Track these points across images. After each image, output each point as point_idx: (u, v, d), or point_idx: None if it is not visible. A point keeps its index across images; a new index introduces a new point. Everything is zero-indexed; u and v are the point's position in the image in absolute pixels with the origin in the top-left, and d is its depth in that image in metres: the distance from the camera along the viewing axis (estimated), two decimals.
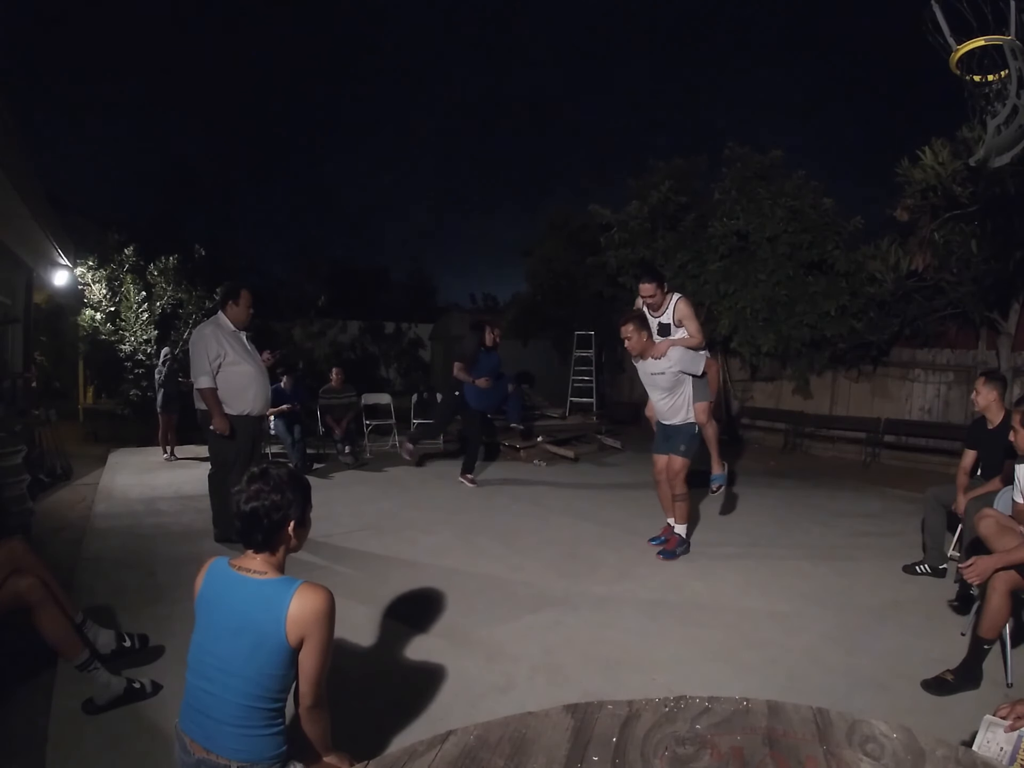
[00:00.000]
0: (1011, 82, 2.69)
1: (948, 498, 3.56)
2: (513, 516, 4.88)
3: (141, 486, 5.60)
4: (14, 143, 4.19)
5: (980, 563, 2.31)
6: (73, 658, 2.12)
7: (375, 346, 15.02)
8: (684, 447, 3.85)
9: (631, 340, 3.74)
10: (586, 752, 1.08)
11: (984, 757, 1.16)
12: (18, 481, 3.97)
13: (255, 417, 3.91)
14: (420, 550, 3.96)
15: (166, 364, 7.09)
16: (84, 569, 3.49)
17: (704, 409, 3.82)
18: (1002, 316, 6.69)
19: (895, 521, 4.87)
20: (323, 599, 1.44)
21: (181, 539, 4.04)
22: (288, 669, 1.44)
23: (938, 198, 6.10)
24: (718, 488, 4.02)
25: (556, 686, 2.37)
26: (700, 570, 3.70)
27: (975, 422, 3.77)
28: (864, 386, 8.24)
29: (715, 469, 3.97)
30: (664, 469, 3.96)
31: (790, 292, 7.64)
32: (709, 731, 1.13)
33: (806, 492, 6.03)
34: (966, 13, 2.65)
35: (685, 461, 3.86)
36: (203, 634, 1.48)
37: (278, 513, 1.47)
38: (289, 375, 6.78)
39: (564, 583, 3.45)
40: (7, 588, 2.09)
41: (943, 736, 1.18)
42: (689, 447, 3.86)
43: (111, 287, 8.67)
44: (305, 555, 3.51)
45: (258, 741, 1.42)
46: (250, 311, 3.99)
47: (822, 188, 7.79)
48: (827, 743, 1.09)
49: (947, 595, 3.26)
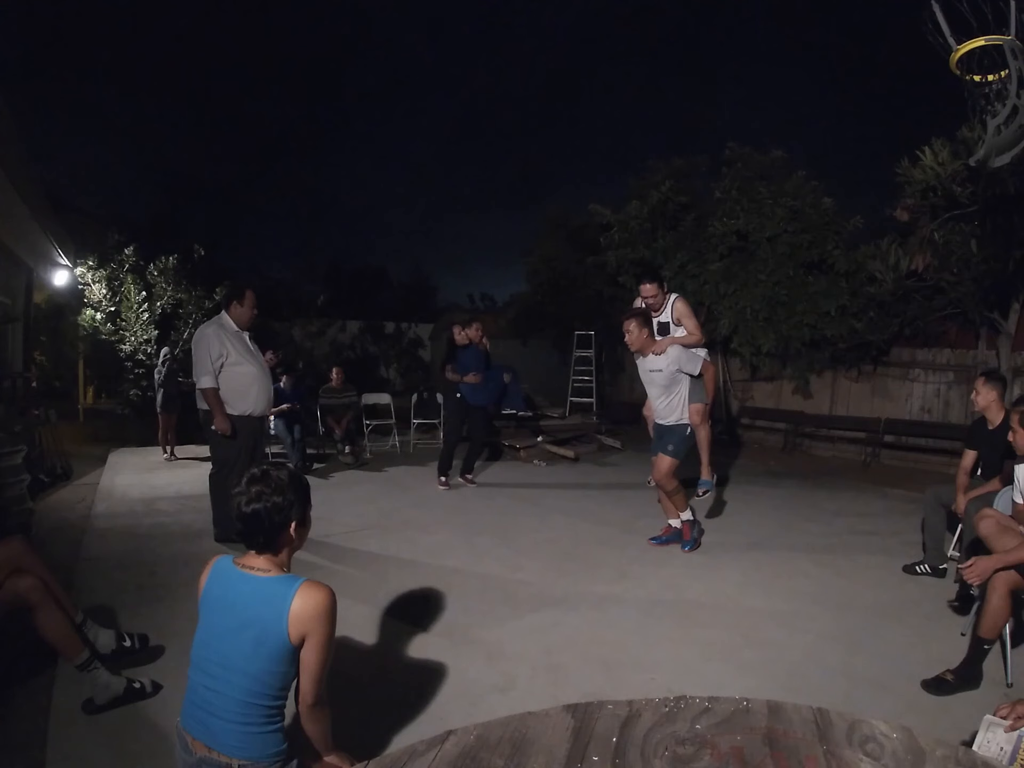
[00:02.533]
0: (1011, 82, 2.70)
1: (948, 498, 3.56)
2: (513, 516, 4.88)
3: (141, 486, 5.60)
4: (14, 143, 4.19)
5: (980, 564, 2.31)
6: (73, 658, 2.12)
7: (375, 346, 15.02)
8: (673, 447, 3.85)
9: (632, 336, 3.78)
10: (586, 752, 1.08)
11: (984, 757, 1.16)
12: (18, 481, 3.97)
13: (257, 417, 3.91)
14: (420, 550, 3.96)
15: (166, 364, 7.09)
16: (84, 569, 3.49)
17: (699, 411, 3.83)
18: (1002, 316, 6.68)
19: (895, 521, 4.87)
20: (325, 597, 1.46)
21: (181, 539, 4.04)
22: (290, 666, 1.45)
23: (938, 198, 6.10)
24: (704, 493, 4.02)
25: (556, 686, 2.37)
26: (700, 570, 3.70)
27: (975, 422, 3.77)
28: (864, 386, 8.23)
29: (704, 474, 3.97)
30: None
31: (790, 292, 7.64)
32: (709, 731, 1.13)
33: (806, 492, 6.03)
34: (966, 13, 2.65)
35: (673, 461, 3.85)
36: (206, 631, 1.49)
37: (280, 515, 1.48)
38: (289, 375, 6.79)
39: (564, 583, 3.45)
40: (7, 588, 2.09)
41: (943, 736, 1.18)
42: (678, 448, 3.86)
43: (111, 287, 8.66)
44: (305, 555, 3.52)
45: (259, 738, 1.43)
46: (254, 312, 3.98)
47: (822, 188, 7.80)
48: (827, 743, 1.09)
49: (947, 595, 3.25)
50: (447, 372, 5.73)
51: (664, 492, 3.98)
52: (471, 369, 5.65)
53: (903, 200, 6.42)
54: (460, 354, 5.72)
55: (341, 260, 23.65)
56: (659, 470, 3.88)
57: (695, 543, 4.02)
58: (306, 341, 12.28)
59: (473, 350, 5.77)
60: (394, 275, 25.12)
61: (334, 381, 7.32)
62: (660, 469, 3.87)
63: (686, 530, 4.05)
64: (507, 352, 10.52)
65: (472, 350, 5.76)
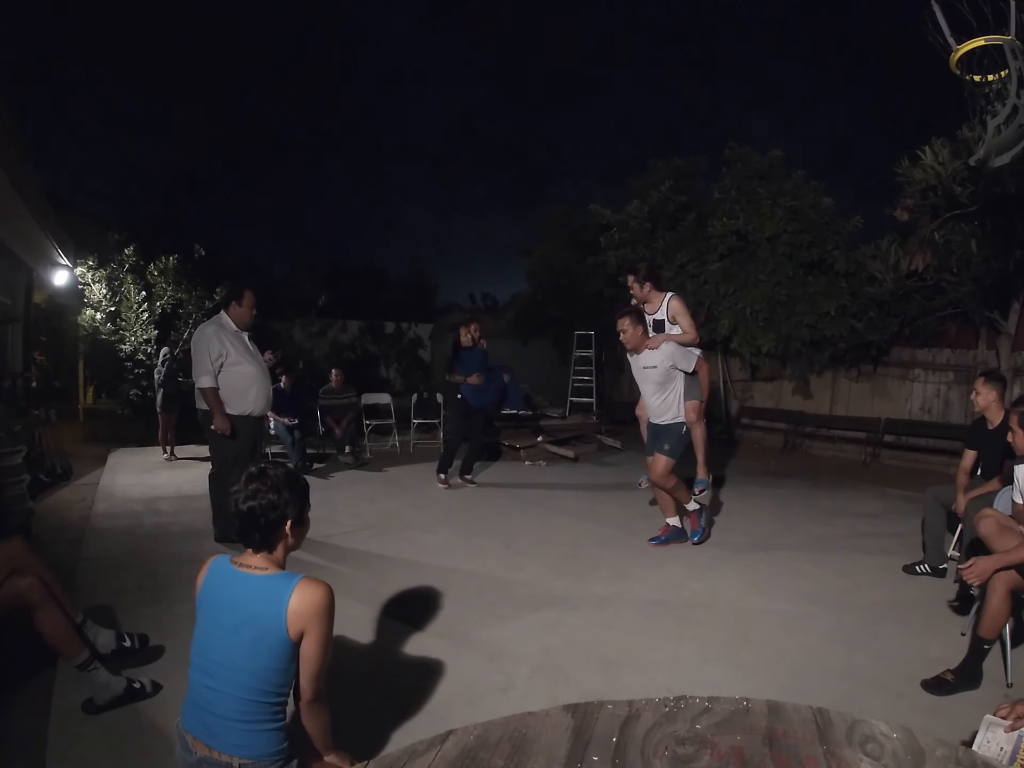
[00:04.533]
0: (1011, 82, 2.70)
1: (948, 498, 3.56)
2: (513, 516, 4.88)
3: (141, 486, 5.60)
4: (14, 143, 4.19)
5: (979, 564, 2.31)
6: (73, 658, 2.12)
7: (375, 346, 15.00)
8: (669, 446, 3.85)
9: (626, 333, 3.81)
10: (586, 752, 1.08)
11: (984, 757, 1.16)
12: (18, 481, 3.97)
13: (256, 417, 3.91)
14: (420, 550, 3.96)
15: (165, 364, 7.09)
16: (84, 569, 3.49)
17: (695, 408, 3.84)
18: (1002, 316, 6.68)
19: (895, 521, 4.87)
20: (323, 593, 1.47)
21: (181, 539, 4.04)
22: (289, 663, 1.46)
23: (938, 198, 6.10)
24: (701, 492, 4.03)
25: (556, 686, 2.37)
26: (700, 570, 3.70)
27: (975, 422, 3.77)
28: (864, 386, 8.23)
29: (700, 474, 3.99)
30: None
31: (790, 292, 7.64)
32: (709, 731, 1.13)
33: (806, 492, 6.03)
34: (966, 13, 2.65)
35: (669, 460, 3.85)
36: (205, 630, 1.50)
37: (275, 512, 1.48)
38: (288, 375, 6.79)
39: (564, 583, 3.45)
40: (7, 588, 2.09)
41: (943, 736, 1.18)
42: (674, 447, 3.86)
43: (111, 287, 8.66)
44: (305, 555, 3.52)
45: (259, 737, 1.43)
46: (253, 312, 3.99)
47: (822, 188, 7.80)
48: (827, 743, 1.09)
49: (947, 595, 3.25)
50: (448, 374, 5.76)
51: (665, 491, 3.98)
52: (473, 370, 5.66)
53: (903, 200, 6.42)
54: (463, 355, 5.74)
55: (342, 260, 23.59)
56: (656, 470, 3.88)
57: (704, 532, 4.05)
58: (306, 341, 12.27)
59: (476, 351, 5.79)
60: (394, 275, 25.14)
61: (334, 382, 7.32)
62: (657, 469, 3.87)
63: (694, 520, 4.09)
64: (507, 352, 10.52)
65: (475, 351, 5.78)
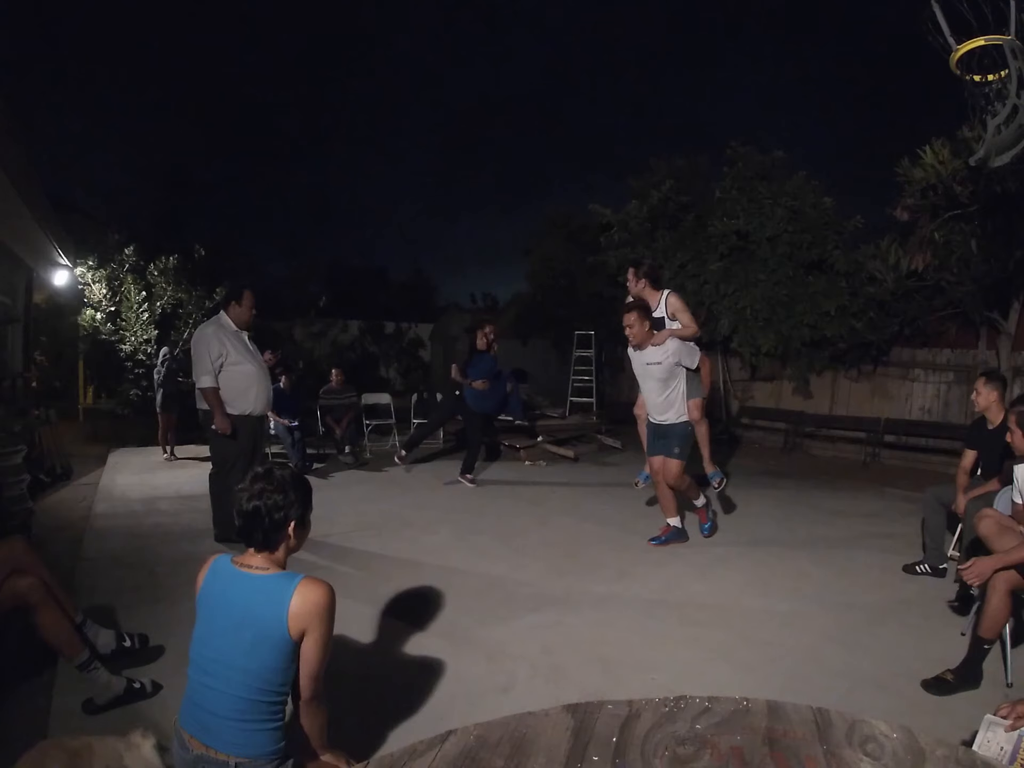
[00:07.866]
0: (1011, 82, 2.70)
1: (948, 498, 3.56)
2: (513, 516, 4.88)
3: (141, 486, 5.60)
4: (14, 143, 4.19)
5: (979, 564, 2.31)
6: (73, 658, 2.12)
7: (375, 346, 15.00)
8: (678, 448, 3.85)
9: (633, 328, 3.77)
10: (586, 752, 1.08)
11: (984, 757, 1.16)
12: (18, 481, 3.97)
13: (257, 417, 3.92)
14: (420, 550, 3.96)
15: (165, 364, 7.09)
16: (84, 569, 3.49)
17: (698, 405, 3.84)
18: (1002, 316, 6.68)
19: (895, 521, 4.87)
20: (324, 593, 1.47)
21: (181, 539, 4.04)
22: (289, 663, 1.46)
23: (938, 197, 6.09)
24: (720, 483, 4.06)
25: (556, 686, 2.37)
26: (700, 570, 3.70)
27: (975, 422, 3.77)
28: (864, 386, 8.23)
29: (708, 468, 4.01)
30: (660, 470, 3.96)
31: (790, 292, 7.64)
32: (709, 731, 1.13)
33: (806, 492, 6.03)
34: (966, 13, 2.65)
35: (680, 463, 3.85)
36: (205, 629, 1.50)
37: (279, 512, 1.49)
38: (288, 375, 6.78)
39: (564, 583, 3.45)
40: (7, 588, 2.09)
41: (943, 736, 1.18)
42: (683, 448, 3.86)
43: (111, 287, 8.65)
44: (305, 555, 3.51)
45: (257, 735, 1.43)
46: (252, 311, 4.00)
47: (822, 188, 7.79)
48: (827, 743, 1.09)
49: (947, 595, 3.25)
50: (454, 371, 5.75)
51: (679, 491, 4.00)
52: (482, 375, 5.65)
53: (903, 200, 6.42)
54: (477, 359, 5.73)
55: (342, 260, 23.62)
56: (670, 474, 3.87)
57: (713, 525, 4.10)
58: (307, 341, 12.26)
59: (487, 357, 5.78)
60: (394, 275, 25.14)
61: (334, 382, 7.32)
62: (670, 473, 3.87)
63: (702, 515, 4.15)
64: (507, 352, 10.52)
65: (487, 357, 5.77)
